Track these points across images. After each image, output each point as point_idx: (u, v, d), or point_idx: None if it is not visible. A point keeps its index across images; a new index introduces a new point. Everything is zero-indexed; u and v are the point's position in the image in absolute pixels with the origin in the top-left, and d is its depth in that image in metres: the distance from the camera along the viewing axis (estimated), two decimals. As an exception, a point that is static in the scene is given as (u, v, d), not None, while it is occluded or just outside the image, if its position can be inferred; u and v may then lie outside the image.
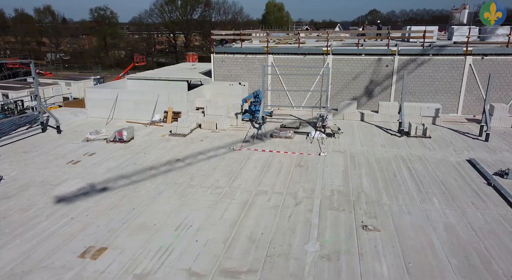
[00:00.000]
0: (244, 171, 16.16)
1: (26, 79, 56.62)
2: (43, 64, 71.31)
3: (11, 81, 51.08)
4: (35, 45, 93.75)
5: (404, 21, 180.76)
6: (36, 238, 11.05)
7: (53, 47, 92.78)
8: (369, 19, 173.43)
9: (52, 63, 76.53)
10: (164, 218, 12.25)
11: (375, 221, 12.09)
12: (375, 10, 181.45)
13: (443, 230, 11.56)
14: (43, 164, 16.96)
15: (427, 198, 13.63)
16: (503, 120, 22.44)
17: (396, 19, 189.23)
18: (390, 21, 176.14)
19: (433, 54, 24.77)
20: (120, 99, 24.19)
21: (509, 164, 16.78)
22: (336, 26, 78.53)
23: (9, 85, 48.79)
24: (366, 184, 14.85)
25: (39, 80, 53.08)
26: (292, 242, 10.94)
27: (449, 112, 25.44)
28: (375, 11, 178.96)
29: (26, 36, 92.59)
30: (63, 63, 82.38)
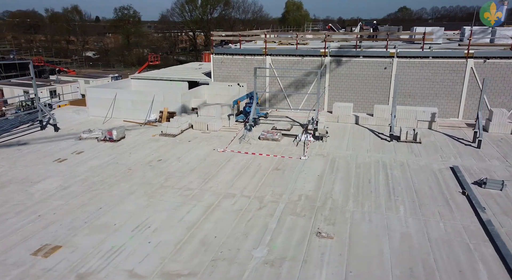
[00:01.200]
0: (220, 174, 16.36)
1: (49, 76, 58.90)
2: (67, 62, 73.83)
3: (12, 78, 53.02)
4: (64, 44, 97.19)
5: (436, 19, 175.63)
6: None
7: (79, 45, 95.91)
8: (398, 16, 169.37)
9: (76, 61, 79.13)
10: (125, 218, 12.62)
11: (332, 228, 12.04)
12: (405, 7, 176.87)
13: (398, 239, 11.39)
14: (31, 162, 17.73)
15: (394, 206, 13.42)
16: (502, 126, 21.65)
17: (426, 17, 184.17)
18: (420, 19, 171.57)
19: (433, 56, 24.13)
20: (118, 98, 24.86)
21: (493, 173, 16.25)
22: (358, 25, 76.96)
23: (30, 82, 50.82)
24: (337, 189, 14.75)
25: (60, 78, 55.16)
26: (242, 246, 11.07)
27: (450, 116, 24.74)
28: (405, 9, 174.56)
29: (55, 35, 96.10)
30: (88, 61, 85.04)
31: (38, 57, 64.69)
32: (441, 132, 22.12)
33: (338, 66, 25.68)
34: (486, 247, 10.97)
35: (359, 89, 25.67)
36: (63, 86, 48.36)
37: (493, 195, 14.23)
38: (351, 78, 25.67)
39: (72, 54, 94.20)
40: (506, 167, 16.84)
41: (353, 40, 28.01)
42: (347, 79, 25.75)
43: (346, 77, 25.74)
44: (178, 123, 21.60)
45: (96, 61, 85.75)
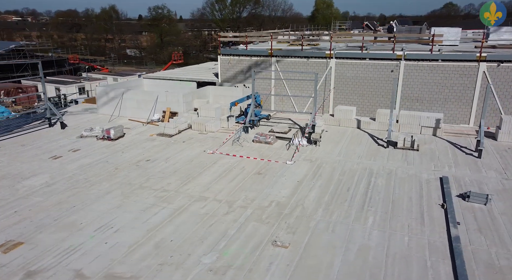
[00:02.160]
0: (201, 176, 16.49)
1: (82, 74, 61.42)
2: (102, 60, 76.76)
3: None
4: (102, 42, 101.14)
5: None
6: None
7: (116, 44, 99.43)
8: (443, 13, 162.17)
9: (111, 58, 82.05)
10: (93, 218, 13.01)
11: (291, 237, 11.85)
12: (451, 3, 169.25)
13: (355, 252, 11.05)
14: (29, 158, 18.62)
15: (364, 217, 13.01)
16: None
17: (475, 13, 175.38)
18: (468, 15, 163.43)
19: (443, 59, 23.06)
20: (125, 98, 25.57)
21: (485, 185, 15.36)
22: (391, 22, 74.79)
23: (62, 79, 53.37)
24: (312, 197, 14.48)
25: (90, 76, 57.33)
26: (194, 251, 11.13)
27: (460, 122, 23.57)
28: (451, 4, 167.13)
29: (94, 34, 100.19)
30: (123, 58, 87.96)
31: (74, 55, 67.67)
32: (445, 139, 21.12)
33: (344, 69, 25.09)
34: (444, 265, 10.43)
35: (365, 93, 24.97)
36: (91, 83, 50.31)
37: (475, 209, 13.46)
38: (357, 81, 25.01)
39: (110, 52, 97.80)
40: (501, 180, 15.87)
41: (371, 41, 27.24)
42: (352, 81, 25.12)
43: (351, 79, 25.11)
44: (175, 124, 21.93)
45: (130, 59, 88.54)
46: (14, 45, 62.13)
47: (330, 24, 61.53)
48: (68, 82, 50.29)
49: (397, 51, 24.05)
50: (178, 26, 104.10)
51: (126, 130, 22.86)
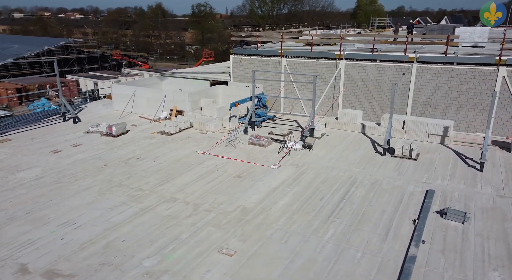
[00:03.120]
0: (181, 176, 16.63)
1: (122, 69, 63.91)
2: (145, 56, 79.58)
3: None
4: (148, 39, 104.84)
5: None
6: (-47, 216, 13.30)
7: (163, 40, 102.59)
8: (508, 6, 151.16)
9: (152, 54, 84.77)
10: (62, 213, 13.54)
11: (241, 244, 11.66)
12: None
13: (298, 265, 10.68)
14: (32, 151, 19.73)
15: (325, 228, 12.52)
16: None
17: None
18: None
19: (458, 63, 21.51)
20: (137, 95, 26.33)
21: (474, 202, 14.21)
22: (443, 19, 70.58)
23: (102, 74, 55.90)
24: (281, 204, 14.14)
25: (130, 71, 59.40)
26: (139, 253, 11.27)
27: (476, 131, 21.89)
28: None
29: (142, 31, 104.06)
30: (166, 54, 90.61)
31: (117, 51, 70.73)
32: (453, 148, 19.75)
33: (353, 70, 24.15)
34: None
35: (375, 96, 23.89)
36: (127, 79, 52.21)
37: (449, 227, 12.50)
38: (367, 84, 23.99)
39: (157, 48, 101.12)
40: (494, 197, 14.59)
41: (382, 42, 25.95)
42: (362, 84, 24.12)
43: (361, 82, 24.12)
44: (175, 122, 22.27)
45: (173, 55, 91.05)
46: (63, 41, 66.11)
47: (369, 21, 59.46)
48: (106, 77, 52.54)
49: (409, 53, 22.75)
50: (219, 23, 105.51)
51: (132, 127, 23.56)
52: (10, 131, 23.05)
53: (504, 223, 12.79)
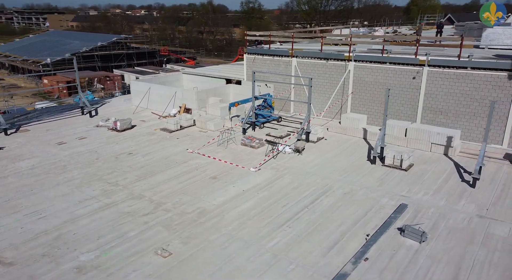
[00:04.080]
0: (160, 174, 17.02)
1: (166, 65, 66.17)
2: (192, 52, 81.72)
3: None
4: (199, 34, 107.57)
5: None
6: None
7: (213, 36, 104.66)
8: None
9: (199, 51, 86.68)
10: (35, 203, 14.46)
11: (181, 247, 11.78)
12: None
13: (225, 273, 10.61)
14: (41, 142, 21.17)
15: (271, 237, 12.28)
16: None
17: None
18: None
19: (472, 67, 19.82)
20: (152, 92, 27.24)
21: (446, 220, 13.16)
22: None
23: (144, 69, 58.35)
24: (241, 208, 14.05)
25: (173, 67, 61.41)
26: (82, 247, 11.78)
27: (491, 142, 20.07)
28: None
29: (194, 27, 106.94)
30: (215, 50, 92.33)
31: (164, 47, 73.40)
32: (455, 160, 18.33)
33: (363, 73, 23.13)
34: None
35: (383, 100, 22.67)
36: (167, 74, 54.09)
37: (403, 246, 11.71)
38: (376, 87, 22.86)
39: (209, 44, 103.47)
40: (473, 217, 13.37)
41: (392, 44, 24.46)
42: (371, 87, 23.03)
43: (370, 85, 23.03)
44: (176, 120, 22.78)
45: (221, 51, 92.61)
46: (115, 38, 69.92)
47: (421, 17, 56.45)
48: (148, 73, 54.84)
49: (420, 55, 21.32)
50: (266, 20, 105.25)
51: (140, 123, 24.47)
52: (33, 122, 24.90)
53: (468, 246, 11.71)
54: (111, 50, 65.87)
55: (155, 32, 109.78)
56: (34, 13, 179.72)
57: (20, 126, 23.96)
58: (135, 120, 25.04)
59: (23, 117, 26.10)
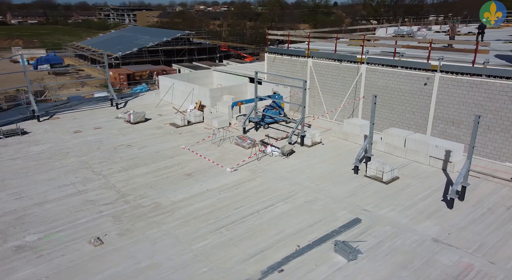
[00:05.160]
0: (142, 167, 17.87)
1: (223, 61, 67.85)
2: (251, 48, 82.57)
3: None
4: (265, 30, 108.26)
5: None
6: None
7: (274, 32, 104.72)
8: None
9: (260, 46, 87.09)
10: (22, 184, 16.08)
11: (115, 238, 12.43)
12: None
13: (143, 266, 11.03)
14: (62, 129, 23.23)
15: (203, 238, 12.44)
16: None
17: None
18: None
19: (487, 75, 17.82)
20: (175, 87, 28.44)
21: (393, 240, 12.21)
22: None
23: (199, 65, 60.41)
24: (194, 207, 14.34)
25: (228, 63, 62.87)
26: (33, 229, 12.94)
27: (506, 160, 17.93)
28: None
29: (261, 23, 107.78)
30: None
31: (225, 43, 75.19)
32: (451, 177, 16.73)
33: (374, 76, 21.89)
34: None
35: (395, 106, 21.29)
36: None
37: (327, 261, 11.16)
38: (387, 92, 21.51)
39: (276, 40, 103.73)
40: (427, 240, 12.24)
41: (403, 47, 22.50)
42: (383, 92, 21.70)
43: (381, 90, 21.71)
44: (183, 116, 23.59)
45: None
46: (179, 34, 73.34)
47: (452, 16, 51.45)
48: (202, 68, 56.71)
49: (432, 60, 19.61)
50: (332, 16, 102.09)
51: (157, 116, 25.74)
52: (67, 110, 27.40)
53: (398, 271, 10.81)
54: (174, 46, 69.35)
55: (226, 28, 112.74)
56: (126, 10, 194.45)
57: (54, 114, 26.51)
58: (155, 113, 26.38)
59: (63, 106, 28.81)
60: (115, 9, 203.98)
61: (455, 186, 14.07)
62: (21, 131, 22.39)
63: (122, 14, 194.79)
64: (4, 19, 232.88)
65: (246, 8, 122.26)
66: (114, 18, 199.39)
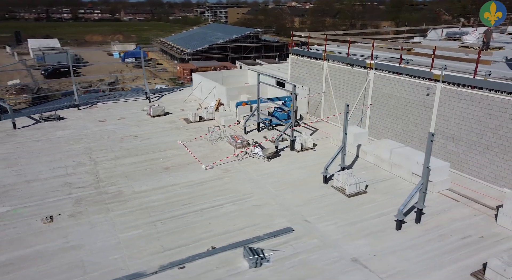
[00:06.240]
0: (132, 158, 19.37)
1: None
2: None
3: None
4: (343, 27, 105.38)
5: None
6: (-18, 150, 20.15)
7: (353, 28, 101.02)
8: None
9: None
10: (27, 163, 18.56)
11: (65, 219, 13.93)
12: None
13: (69, 246, 12.32)
14: (92, 118, 25.87)
15: (128, 228, 13.34)
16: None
17: None
18: None
19: (489, 89, 16.00)
20: (203, 85, 29.79)
21: (311, 255, 11.93)
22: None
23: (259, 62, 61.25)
24: (149, 199, 15.30)
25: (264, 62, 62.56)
26: (8, 202, 15.03)
27: (505, 185, 16.00)
28: None
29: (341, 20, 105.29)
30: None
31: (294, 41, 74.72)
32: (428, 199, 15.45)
33: (381, 83, 20.75)
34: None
35: (399, 116, 20.00)
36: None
37: (230, 265, 11.39)
38: (392, 101, 20.27)
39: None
40: (345, 259, 11.74)
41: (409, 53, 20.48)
42: (388, 101, 20.50)
43: (387, 98, 20.52)
44: (195, 112, 24.77)
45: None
46: (249, 31, 74.96)
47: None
48: (259, 64, 57.69)
49: (436, 69, 18.01)
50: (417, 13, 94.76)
51: (178, 111, 27.28)
52: (107, 101, 30.31)
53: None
54: (242, 43, 71.29)
55: (307, 25, 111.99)
56: (219, 7, 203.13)
57: (93, 103, 29.53)
58: (179, 108, 27.95)
59: (106, 96, 31.87)
60: (210, 6, 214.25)
61: (402, 206, 13.10)
62: (57, 117, 25.46)
63: (215, 11, 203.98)
64: (118, 16, 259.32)
65: (327, 5, 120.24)
66: (208, 15, 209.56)
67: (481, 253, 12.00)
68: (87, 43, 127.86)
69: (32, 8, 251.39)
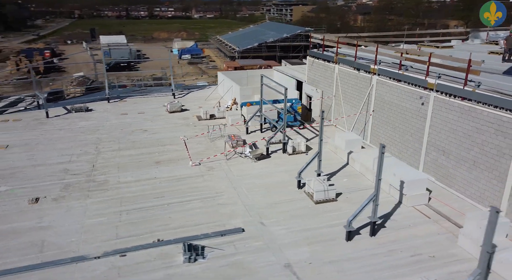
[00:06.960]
0: (132, 150, 20.72)
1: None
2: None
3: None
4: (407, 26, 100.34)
5: None
6: None
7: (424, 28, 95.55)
8: None
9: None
10: (41, 149, 20.65)
11: (49, 202, 15.48)
12: None
13: (30, 224, 13.81)
14: (116, 111, 27.83)
15: (97, 215, 14.51)
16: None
17: None
18: None
19: (477, 101, 15.01)
20: (224, 84, 30.68)
21: (250, 256, 12.26)
22: None
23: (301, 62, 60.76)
24: (130, 190, 16.40)
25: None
26: (9, 183, 16.96)
27: (488, 202, 14.96)
28: None
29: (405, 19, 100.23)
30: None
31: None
32: (396, 211, 14.98)
33: (383, 89, 20.10)
34: None
35: (397, 125, 19.29)
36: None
37: (166, 257, 12.05)
38: (391, 109, 19.57)
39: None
40: (279, 264, 11.89)
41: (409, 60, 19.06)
42: (388, 108, 19.82)
43: (387, 105, 19.84)
44: (205, 110, 25.71)
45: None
46: (300, 30, 74.31)
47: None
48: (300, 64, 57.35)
49: (430, 77, 17.11)
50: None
51: (195, 108, 28.41)
52: (137, 95, 32.33)
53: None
54: (291, 42, 71.10)
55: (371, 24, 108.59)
56: (285, 5, 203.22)
57: (124, 97, 31.65)
58: (198, 105, 29.07)
59: (139, 91, 33.97)
60: (276, 4, 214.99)
61: (351, 217, 12.86)
62: (86, 109, 27.76)
63: (281, 9, 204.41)
64: (189, 14, 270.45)
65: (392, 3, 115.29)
66: (273, 13, 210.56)
67: (423, 272, 11.51)
68: (153, 40, 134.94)
69: (114, 7, 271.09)
